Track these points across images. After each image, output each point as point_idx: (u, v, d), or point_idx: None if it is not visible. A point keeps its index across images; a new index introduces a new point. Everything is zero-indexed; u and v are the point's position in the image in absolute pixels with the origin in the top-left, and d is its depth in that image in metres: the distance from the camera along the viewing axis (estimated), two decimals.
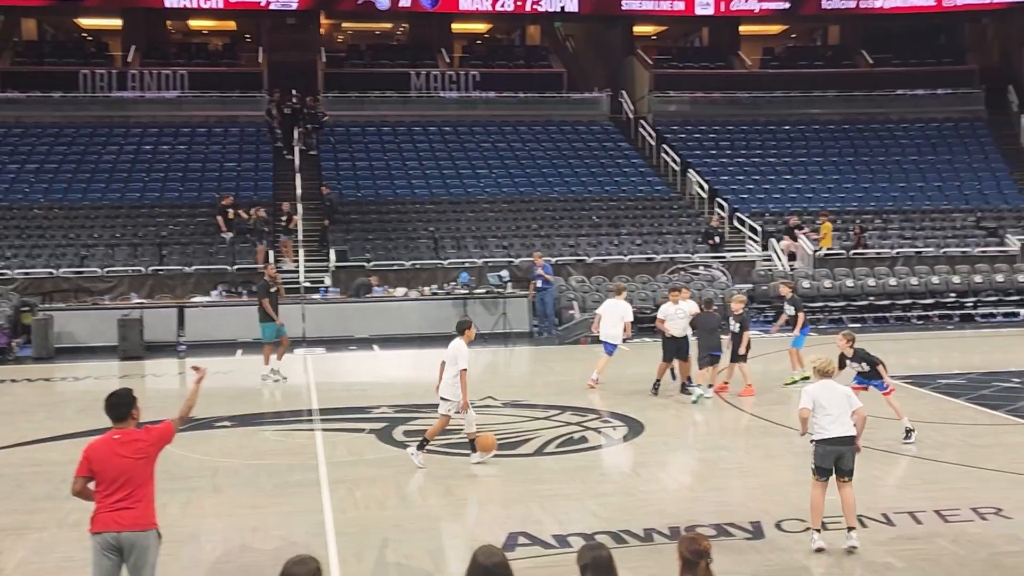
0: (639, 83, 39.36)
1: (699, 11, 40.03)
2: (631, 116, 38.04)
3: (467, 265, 27.45)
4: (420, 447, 12.96)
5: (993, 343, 24.38)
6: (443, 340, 24.40)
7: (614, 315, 18.48)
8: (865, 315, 27.30)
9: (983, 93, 38.91)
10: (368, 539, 10.17)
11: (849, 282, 27.91)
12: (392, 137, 35.58)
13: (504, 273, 26.09)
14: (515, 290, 25.98)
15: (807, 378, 18.17)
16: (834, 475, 9.67)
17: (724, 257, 29.17)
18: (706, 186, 33.24)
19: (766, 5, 40.16)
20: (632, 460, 13.34)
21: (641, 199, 32.91)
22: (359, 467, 13.08)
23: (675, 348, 17.72)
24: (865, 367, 13.84)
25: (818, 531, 9.61)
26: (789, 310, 18.67)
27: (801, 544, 9.86)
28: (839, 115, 38.59)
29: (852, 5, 40.26)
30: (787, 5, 40.28)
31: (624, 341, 18.92)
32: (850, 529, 9.64)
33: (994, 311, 27.82)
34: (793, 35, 44.85)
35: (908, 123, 38.27)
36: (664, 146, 35.66)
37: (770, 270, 28.72)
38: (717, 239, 29.74)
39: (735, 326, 17.39)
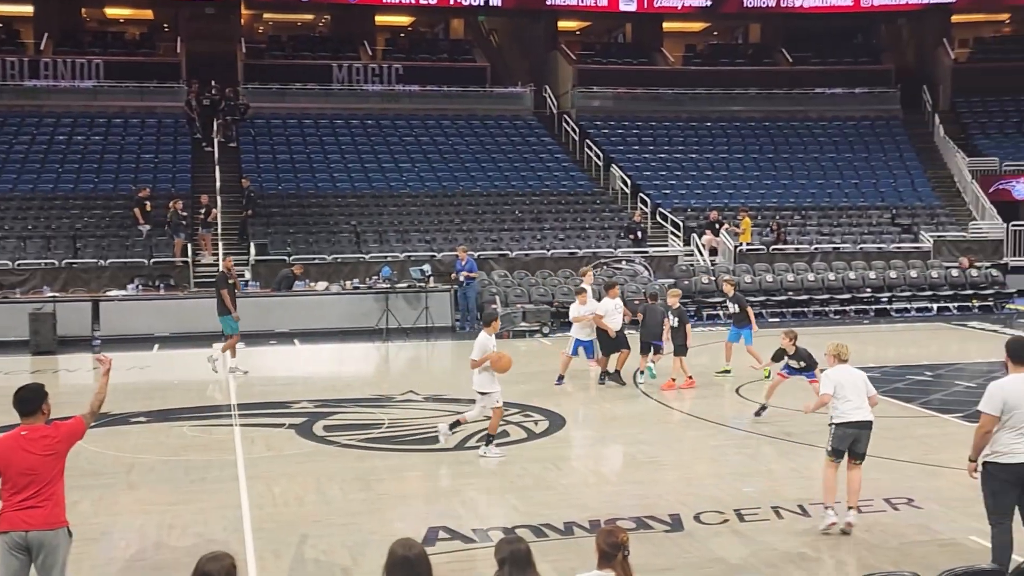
0: (562, 78, 39.47)
1: (623, 7, 40.28)
2: (554, 111, 38.15)
3: (389, 259, 27.29)
4: (488, 442, 13.21)
5: (907, 337, 24.88)
6: (365, 335, 24.51)
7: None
8: (784, 309, 27.66)
9: (899, 92, 39.66)
10: (286, 535, 10.06)
11: (769, 277, 28.29)
12: (314, 130, 35.25)
13: (426, 267, 25.98)
14: (437, 284, 25.88)
15: (729, 371, 18.46)
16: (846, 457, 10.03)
17: (646, 252, 29.36)
18: (629, 181, 33.44)
19: (688, 2, 40.49)
20: (553, 454, 13.35)
21: (564, 194, 33.00)
22: (278, 463, 12.93)
23: (613, 343, 17.83)
24: (802, 364, 14.42)
25: (830, 508, 9.92)
26: (732, 307, 18.68)
27: (719, 535, 9.97)
28: (760, 112, 39.09)
29: (772, 4, 40.77)
30: (709, 3, 40.66)
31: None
32: (850, 508, 9.97)
33: (908, 306, 28.37)
34: (715, 33, 45.29)
35: (826, 121, 38.89)
36: (587, 141, 35.80)
37: (692, 265, 28.97)
38: (639, 234, 29.93)
39: (674, 320, 17.48)
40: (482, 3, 38.93)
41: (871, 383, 10.11)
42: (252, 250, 27.46)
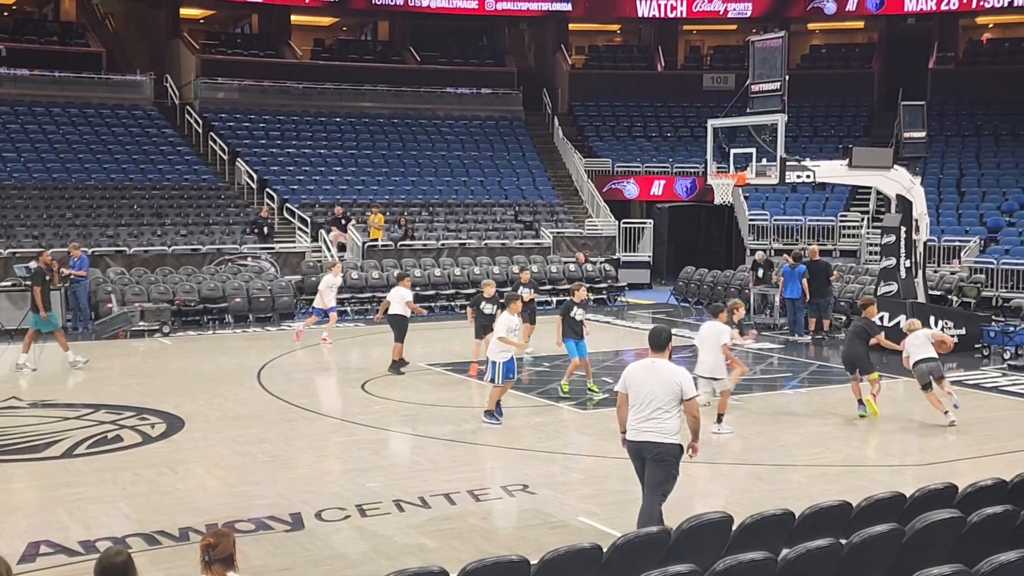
0: (185, 68, 38.02)
1: None
2: (176, 102, 36.64)
3: None
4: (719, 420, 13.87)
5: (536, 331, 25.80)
6: None
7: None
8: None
9: (521, 94, 41.24)
10: None
11: (396, 272, 28.48)
12: None
13: (33, 264, 24.11)
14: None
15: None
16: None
17: (273, 248, 28.82)
18: (255, 176, 32.71)
19: None
20: (170, 457, 12.71)
21: (187, 188, 31.78)
22: None
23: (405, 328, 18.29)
24: None
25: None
26: (580, 314, 16.66)
27: (340, 532, 9.86)
28: (388, 109, 39.40)
29: (400, 2, 41.17)
30: None
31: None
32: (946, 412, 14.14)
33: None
34: (344, 28, 45.25)
35: (454, 120, 39.78)
36: (212, 134, 34.68)
37: (319, 261, 28.73)
38: (266, 230, 29.34)
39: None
40: None
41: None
42: None
